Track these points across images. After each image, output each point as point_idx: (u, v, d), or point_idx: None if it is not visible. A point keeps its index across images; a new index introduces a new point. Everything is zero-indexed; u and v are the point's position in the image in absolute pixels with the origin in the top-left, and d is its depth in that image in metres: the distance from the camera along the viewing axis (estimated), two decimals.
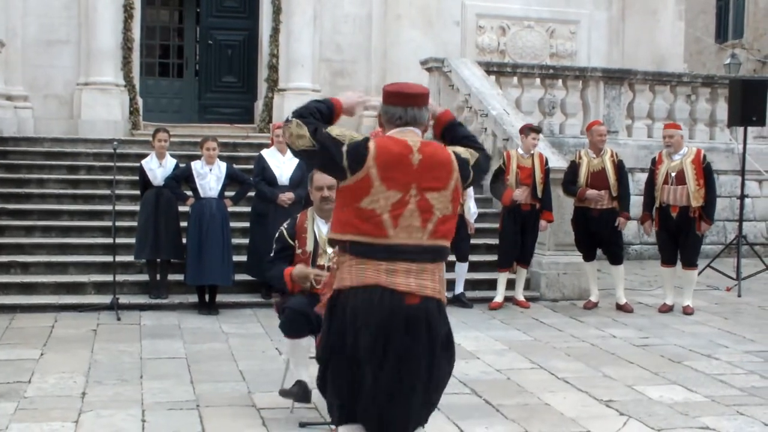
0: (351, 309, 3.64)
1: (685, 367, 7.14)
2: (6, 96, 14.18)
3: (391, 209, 3.62)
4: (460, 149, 3.82)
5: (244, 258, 9.59)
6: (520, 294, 9.81)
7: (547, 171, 9.67)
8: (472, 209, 9.67)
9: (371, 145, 3.64)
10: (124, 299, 9.04)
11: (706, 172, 9.34)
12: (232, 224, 9.42)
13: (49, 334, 7.95)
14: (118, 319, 8.56)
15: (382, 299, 3.59)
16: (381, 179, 3.61)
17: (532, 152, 9.64)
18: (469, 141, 3.93)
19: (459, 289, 9.65)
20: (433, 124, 3.98)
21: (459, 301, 9.58)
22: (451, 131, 3.97)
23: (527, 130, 9.71)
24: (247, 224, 9.92)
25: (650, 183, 9.57)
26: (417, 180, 3.64)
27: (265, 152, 9.70)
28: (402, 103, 3.77)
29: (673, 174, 9.31)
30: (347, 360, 3.67)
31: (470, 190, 9.65)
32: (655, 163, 9.57)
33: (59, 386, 6.26)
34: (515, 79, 13.64)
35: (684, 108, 14.20)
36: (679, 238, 9.41)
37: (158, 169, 9.41)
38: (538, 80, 13.62)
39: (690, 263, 9.53)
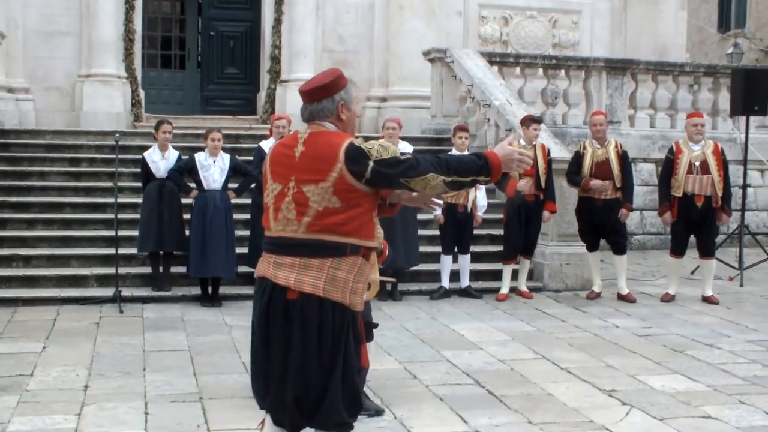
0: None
1: (688, 356, 7.14)
2: (7, 88, 14.18)
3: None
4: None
5: (246, 250, 9.57)
6: (523, 285, 9.79)
7: (549, 161, 9.65)
8: (480, 202, 9.64)
9: None
10: (126, 292, 9.04)
11: (725, 164, 9.34)
12: (235, 216, 9.40)
13: (52, 327, 7.95)
14: (121, 311, 8.57)
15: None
16: None
17: (534, 143, 9.62)
18: None
19: (465, 282, 9.64)
20: None
21: (467, 293, 9.59)
22: None
23: (528, 121, 9.67)
24: (249, 216, 9.90)
25: (667, 173, 9.45)
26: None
27: (264, 143, 9.69)
28: None
29: (697, 163, 9.21)
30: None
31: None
32: (673, 152, 9.41)
33: (62, 379, 6.27)
34: (518, 70, 13.61)
35: (686, 98, 14.17)
36: (701, 228, 9.38)
37: (161, 161, 9.39)
38: (540, 70, 13.60)
39: (709, 252, 9.55)
